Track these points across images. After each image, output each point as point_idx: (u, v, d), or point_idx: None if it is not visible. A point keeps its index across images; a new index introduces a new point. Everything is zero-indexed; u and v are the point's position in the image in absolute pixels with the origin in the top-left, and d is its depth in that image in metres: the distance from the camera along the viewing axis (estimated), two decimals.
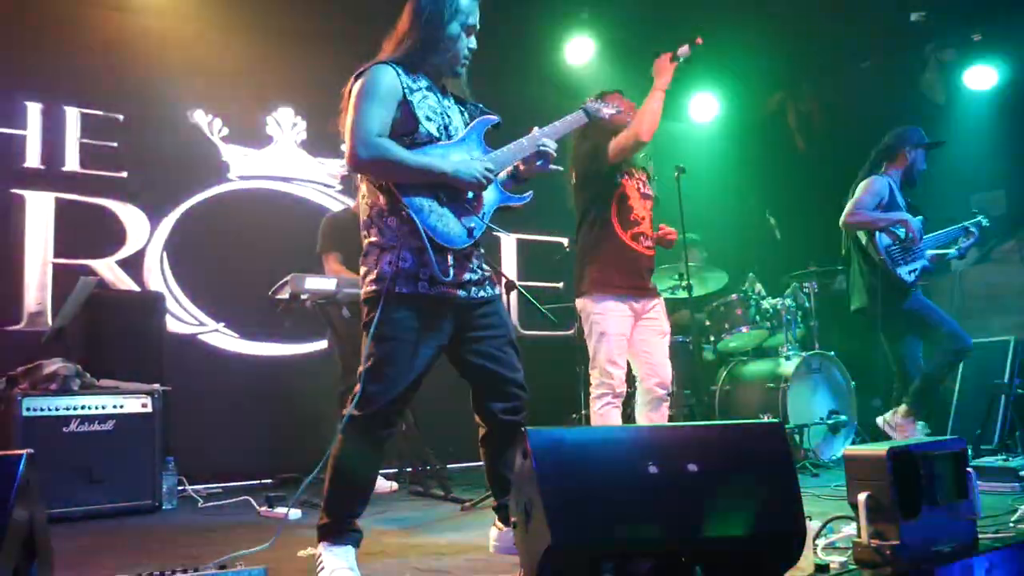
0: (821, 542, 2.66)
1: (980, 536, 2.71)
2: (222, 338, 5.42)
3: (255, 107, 5.67)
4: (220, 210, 5.48)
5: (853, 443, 5.37)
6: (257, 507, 4.15)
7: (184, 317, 5.31)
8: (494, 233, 2.87)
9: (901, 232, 4.60)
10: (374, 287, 2.60)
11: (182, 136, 5.38)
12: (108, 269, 5.10)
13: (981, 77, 6.88)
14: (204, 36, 5.42)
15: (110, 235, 5.14)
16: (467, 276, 2.67)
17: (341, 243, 4.84)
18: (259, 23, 5.48)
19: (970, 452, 4.75)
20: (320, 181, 5.89)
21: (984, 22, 6.56)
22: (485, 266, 2.79)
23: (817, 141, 7.61)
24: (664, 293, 5.59)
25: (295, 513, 3.89)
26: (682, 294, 5.43)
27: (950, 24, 6.57)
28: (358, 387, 2.58)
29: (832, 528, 2.73)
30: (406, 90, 2.61)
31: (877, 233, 4.59)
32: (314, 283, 4.04)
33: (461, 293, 2.66)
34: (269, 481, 5.17)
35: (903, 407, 4.66)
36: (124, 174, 5.19)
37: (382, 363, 2.56)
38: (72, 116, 5.07)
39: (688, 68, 7.20)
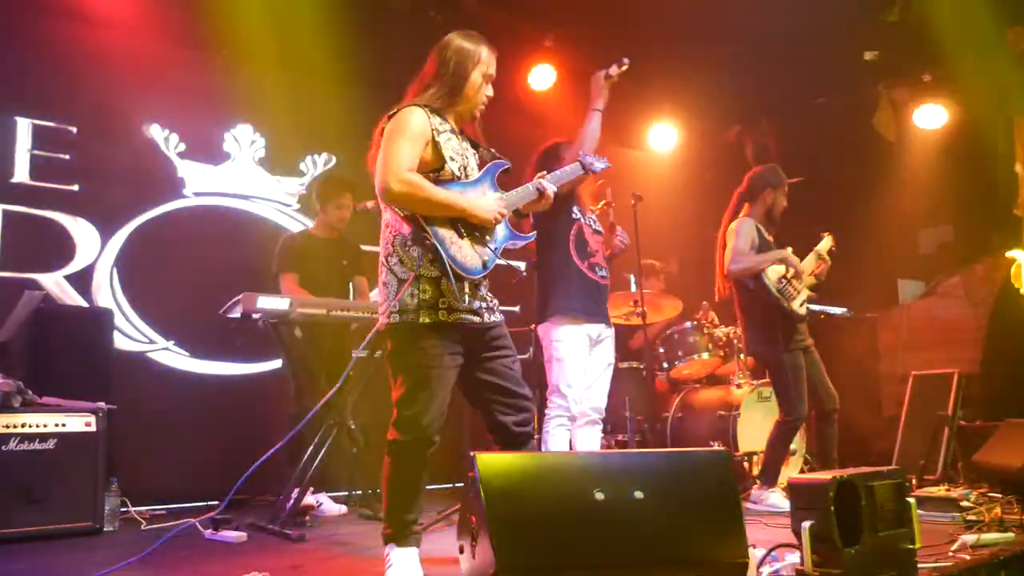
0: (765, 570, 2.68)
1: (920, 565, 2.75)
2: (172, 356, 5.33)
3: (213, 123, 5.61)
4: (174, 226, 5.39)
5: (801, 471, 5.42)
6: (202, 529, 4.06)
7: (133, 334, 5.22)
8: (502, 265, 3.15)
9: (782, 268, 4.70)
10: (398, 318, 2.82)
11: (137, 150, 5.30)
12: (55, 284, 4.99)
13: (931, 116, 7.06)
14: (162, 50, 5.36)
15: (59, 249, 5.03)
16: (478, 304, 2.90)
17: (298, 263, 4.81)
18: (218, 39, 5.41)
19: (914, 482, 4.88)
20: (278, 200, 5.84)
21: (934, 63, 6.75)
22: (490, 295, 3.01)
23: None
24: (619, 319, 5.65)
25: (240, 536, 3.83)
26: (637, 321, 5.47)
27: (902, 64, 6.76)
28: (395, 413, 2.83)
29: (776, 556, 2.75)
30: (434, 132, 2.87)
31: (763, 274, 4.67)
32: (267, 302, 4.00)
33: (475, 319, 2.89)
34: (216, 503, 5.08)
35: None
36: (76, 187, 5.10)
37: (415, 389, 2.80)
38: (23, 127, 4.96)
39: (648, 98, 7.36)
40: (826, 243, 4.94)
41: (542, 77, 6.58)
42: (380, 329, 2.91)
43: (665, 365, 6.02)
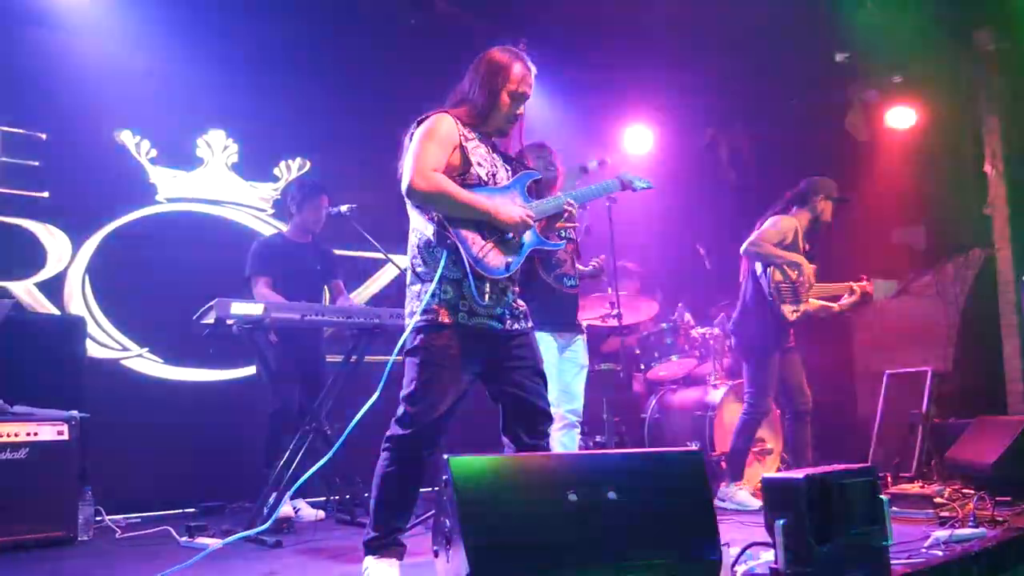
0: (740, 568, 2.70)
1: (893, 562, 2.78)
2: (146, 363, 5.28)
3: (185, 129, 5.57)
4: (146, 232, 5.35)
5: (778, 471, 5.45)
6: (178, 537, 4.03)
7: (106, 342, 5.17)
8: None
9: (794, 272, 4.73)
10: (420, 318, 2.86)
11: (108, 156, 5.25)
12: (26, 292, 4.94)
13: (901, 117, 7.14)
14: (133, 56, 5.30)
15: (29, 256, 4.98)
16: (501, 310, 2.93)
17: (271, 267, 4.78)
18: (190, 44, 5.37)
19: (889, 480, 4.93)
20: (252, 205, 5.81)
21: (904, 65, 6.83)
22: (520, 302, 3.04)
23: (748, 174, 7.79)
24: (595, 321, 5.66)
25: (216, 543, 3.79)
26: (613, 322, 5.48)
27: (872, 66, 6.83)
28: (400, 408, 2.84)
29: (751, 554, 2.77)
30: (462, 138, 2.93)
31: (772, 268, 4.71)
32: (240, 308, 3.97)
33: (497, 326, 2.92)
34: (192, 510, 5.04)
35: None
36: (46, 194, 5.04)
37: (424, 386, 2.82)
38: None
39: (624, 101, 7.37)
40: (866, 285, 4.96)
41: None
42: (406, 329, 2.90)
43: (642, 366, 6.04)
